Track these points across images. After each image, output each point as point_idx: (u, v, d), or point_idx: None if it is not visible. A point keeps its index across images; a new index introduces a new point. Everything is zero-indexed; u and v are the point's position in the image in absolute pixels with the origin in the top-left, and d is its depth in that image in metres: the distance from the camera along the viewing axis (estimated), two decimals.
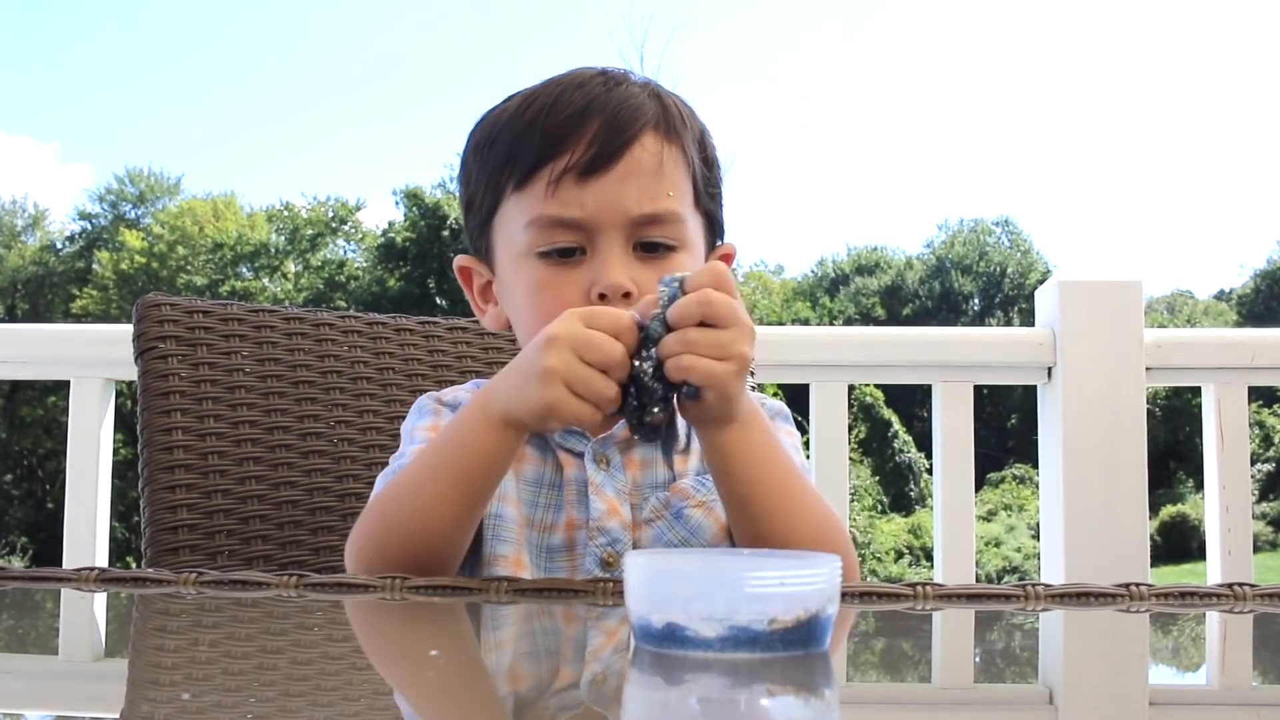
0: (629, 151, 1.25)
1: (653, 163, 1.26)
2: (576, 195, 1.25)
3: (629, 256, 1.26)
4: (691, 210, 1.31)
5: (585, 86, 1.29)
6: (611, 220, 1.25)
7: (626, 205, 1.25)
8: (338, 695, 0.75)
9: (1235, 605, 1.02)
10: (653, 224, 1.26)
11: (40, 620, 1.07)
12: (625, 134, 1.26)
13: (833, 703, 0.72)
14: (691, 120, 1.34)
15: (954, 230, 51.72)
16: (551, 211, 1.26)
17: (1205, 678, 0.90)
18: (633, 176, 1.25)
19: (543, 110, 1.28)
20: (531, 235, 1.27)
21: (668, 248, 1.27)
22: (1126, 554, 2.30)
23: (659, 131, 1.28)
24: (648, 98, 1.30)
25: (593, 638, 0.95)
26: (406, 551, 1.13)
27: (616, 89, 1.29)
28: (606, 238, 1.25)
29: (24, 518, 31.61)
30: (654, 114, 1.28)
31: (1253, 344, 2.40)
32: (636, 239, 1.26)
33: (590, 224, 1.25)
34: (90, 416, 2.36)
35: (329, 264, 41.57)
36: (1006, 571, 28.37)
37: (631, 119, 1.26)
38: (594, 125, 1.25)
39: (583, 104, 1.27)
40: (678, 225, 1.28)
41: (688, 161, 1.30)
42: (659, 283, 1.10)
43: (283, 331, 1.65)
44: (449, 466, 1.15)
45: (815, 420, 2.41)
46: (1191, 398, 25.05)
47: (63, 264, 42.37)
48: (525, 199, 1.28)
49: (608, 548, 1.28)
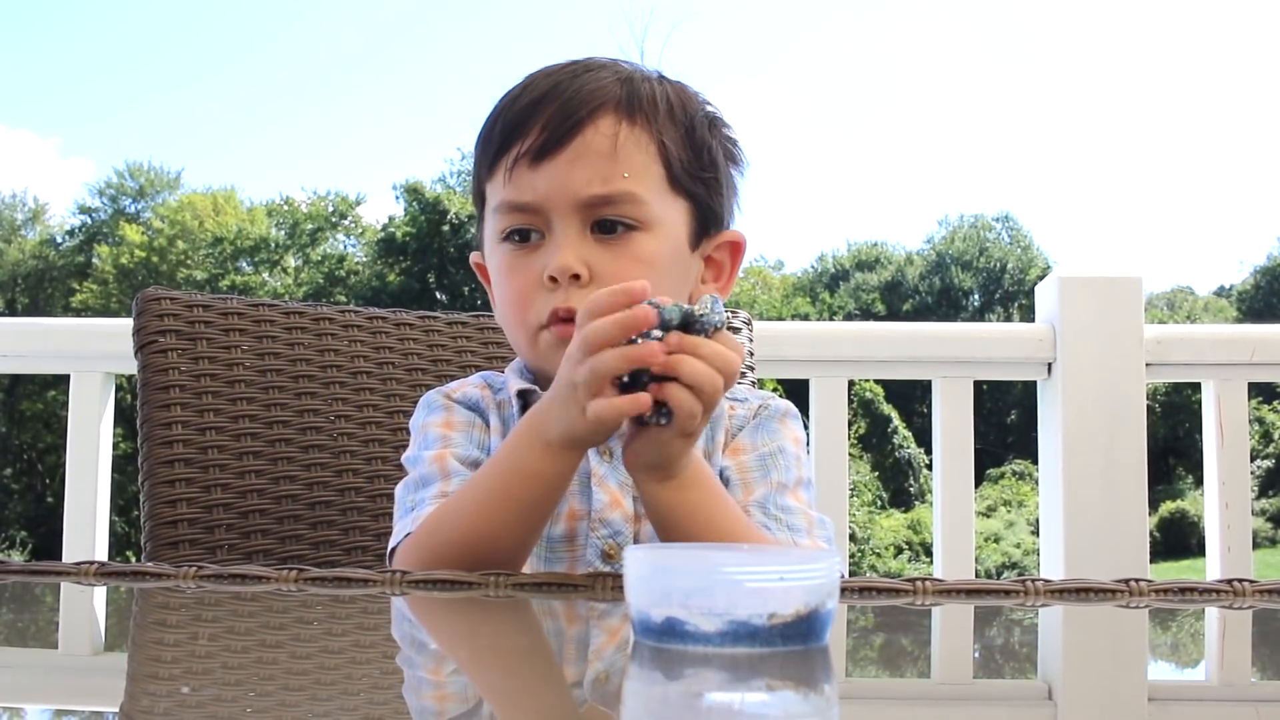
0: (579, 134, 1.26)
1: (605, 144, 1.26)
2: (529, 179, 1.26)
3: (585, 238, 1.26)
4: (662, 192, 1.29)
5: (553, 75, 1.31)
6: (562, 202, 1.26)
7: (575, 187, 1.25)
8: (337, 690, 0.75)
9: (1234, 601, 1.02)
10: (605, 205, 1.26)
11: (40, 614, 1.07)
12: (575, 116, 1.26)
13: (832, 698, 0.72)
14: (679, 104, 1.33)
15: (954, 226, 51.75)
16: (509, 196, 1.28)
17: (1204, 673, 0.90)
18: (582, 159, 1.26)
19: (510, 100, 1.31)
20: (497, 221, 1.30)
21: (627, 227, 1.27)
22: (1126, 550, 2.30)
23: (619, 113, 1.28)
24: (615, 81, 1.30)
25: (594, 634, 0.95)
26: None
27: (584, 75, 1.30)
28: (560, 220, 1.26)
29: (23, 512, 31.63)
30: (615, 96, 1.29)
31: (1253, 340, 2.40)
32: (593, 219, 1.27)
33: (543, 207, 1.26)
34: (90, 410, 2.36)
35: (329, 258, 41.56)
36: (1006, 567, 28.40)
37: (585, 102, 1.27)
38: (548, 111, 1.27)
39: (543, 91, 1.29)
40: (635, 205, 1.27)
41: (656, 142, 1.29)
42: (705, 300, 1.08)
43: (283, 326, 1.65)
44: (510, 496, 1.14)
45: (815, 416, 2.41)
46: (1191, 394, 25.03)
47: (63, 258, 42.37)
48: (493, 186, 1.31)
49: (609, 539, 1.28)
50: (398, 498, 1.32)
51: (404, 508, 1.28)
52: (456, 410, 1.34)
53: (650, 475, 1.13)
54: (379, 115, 77.21)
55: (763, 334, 1.92)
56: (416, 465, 1.30)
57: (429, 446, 1.31)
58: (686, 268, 1.34)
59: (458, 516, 1.17)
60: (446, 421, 1.33)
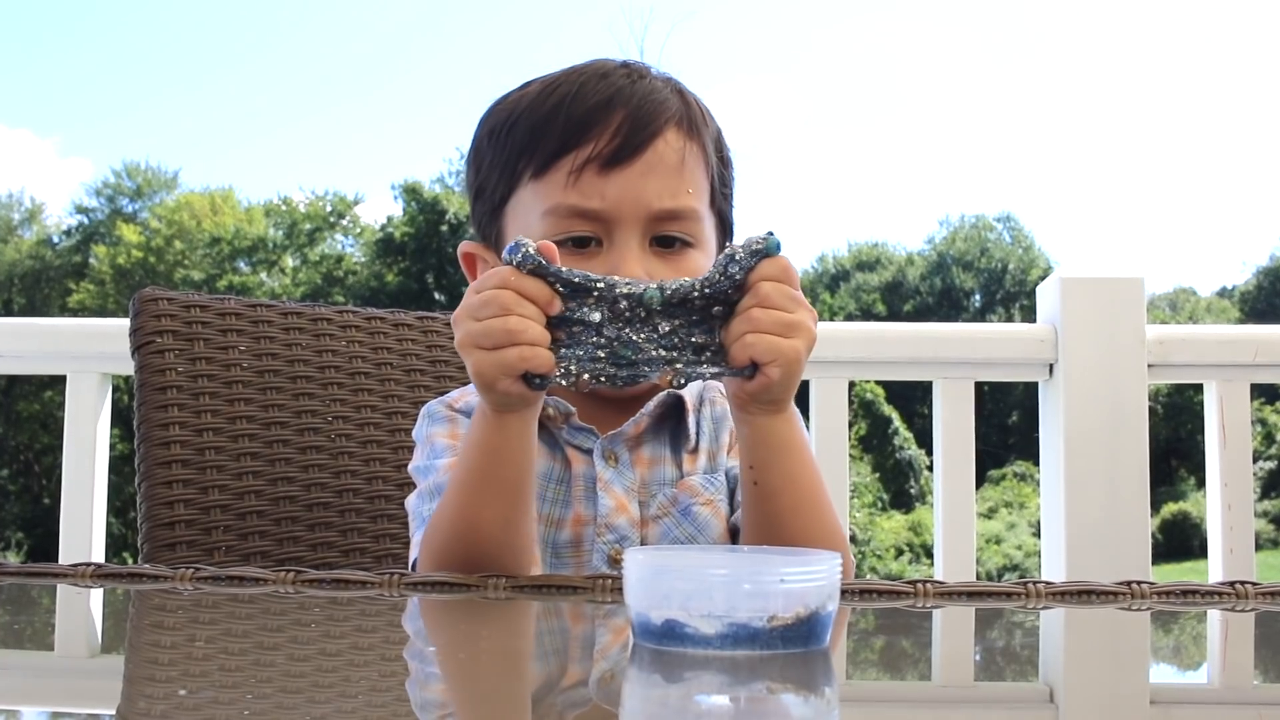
0: (652, 146, 1.25)
1: (675, 158, 1.26)
2: (598, 186, 1.24)
3: (645, 251, 1.25)
4: (708, 209, 1.31)
5: (609, 77, 1.28)
6: (631, 213, 1.24)
7: (648, 199, 1.24)
8: (334, 691, 0.75)
9: (1237, 604, 1.02)
10: (671, 220, 1.26)
11: (36, 616, 1.06)
12: (650, 127, 1.25)
13: (833, 700, 0.72)
14: (710, 120, 1.34)
15: (955, 226, 51.77)
16: (571, 201, 1.25)
17: (1206, 676, 0.90)
18: (655, 171, 1.25)
19: (566, 98, 1.27)
20: (549, 224, 1.26)
21: (684, 244, 1.27)
22: (1128, 552, 2.29)
23: (681, 128, 1.28)
24: (671, 93, 1.30)
25: (590, 636, 0.95)
26: (474, 566, 1.11)
27: (641, 82, 1.29)
28: (625, 231, 1.24)
29: (20, 513, 31.63)
30: (678, 110, 1.28)
31: (1255, 341, 2.40)
32: (654, 234, 1.26)
33: (610, 216, 1.24)
34: (87, 411, 2.35)
35: (327, 259, 41.57)
36: (1007, 569, 28.41)
37: (656, 113, 1.26)
38: (618, 116, 1.25)
39: (608, 94, 1.26)
40: (695, 223, 1.28)
41: (707, 160, 1.30)
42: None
43: (280, 326, 1.65)
44: (475, 471, 1.14)
45: (816, 417, 2.41)
46: (1193, 395, 25.06)
47: (59, 258, 42.37)
48: (544, 187, 1.27)
49: (615, 544, 1.27)
50: (412, 509, 1.31)
51: (419, 518, 1.28)
52: (460, 421, 1.34)
53: (764, 410, 1.12)
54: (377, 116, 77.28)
55: None
56: (428, 475, 1.29)
57: (439, 455, 1.30)
58: None
59: (444, 508, 1.17)
60: (452, 432, 1.33)
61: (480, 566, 1.10)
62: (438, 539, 1.17)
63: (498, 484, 1.13)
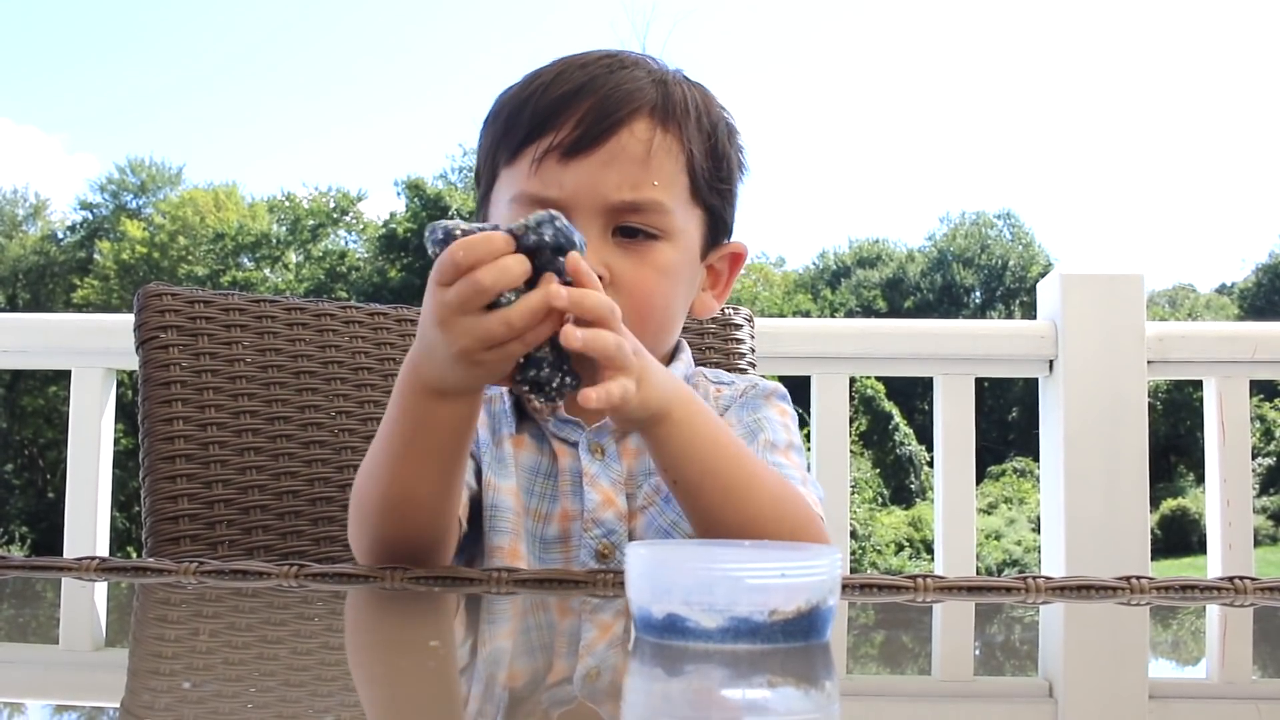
0: (615, 136, 1.23)
1: (640, 150, 1.24)
2: (557, 175, 1.23)
3: (606, 241, 1.24)
4: (685, 202, 1.28)
5: (588, 67, 1.27)
6: (589, 204, 1.23)
7: (605, 190, 1.23)
8: (338, 685, 0.75)
9: (1236, 599, 1.02)
10: (632, 211, 1.24)
11: (41, 609, 1.07)
12: (613, 117, 1.23)
13: (833, 694, 0.72)
14: (705, 112, 1.30)
15: (956, 223, 51.72)
16: (532, 189, 1.24)
17: (1205, 671, 0.90)
18: (616, 161, 1.23)
19: (540, 87, 1.26)
20: (513, 211, 1.25)
21: (649, 235, 1.25)
22: (1127, 547, 2.30)
23: (654, 118, 1.25)
24: (650, 83, 1.27)
25: (588, 630, 0.95)
26: (405, 537, 1.11)
27: (620, 71, 1.27)
28: (584, 221, 1.22)
29: (24, 507, 31.66)
30: (651, 99, 1.26)
31: (1254, 338, 2.40)
32: (616, 224, 1.25)
33: (567, 205, 1.22)
34: (91, 406, 2.36)
35: (330, 254, 41.56)
36: (1007, 564, 28.39)
37: (624, 102, 1.24)
38: (585, 106, 1.24)
39: (579, 84, 1.25)
40: (660, 215, 1.25)
41: (685, 151, 1.27)
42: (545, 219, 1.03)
43: (284, 322, 1.65)
44: (413, 445, 1.09)
45: (816, 412, 2.41)
46: (1193, 391, 25.03)
47: (64, 254, 42.38)
48: (513, 175, 1.27)
49: (603, 539, 1.27)
50: None
51: None
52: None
53: (645, 424, 1.09)
54: (381, 112, 77.22)
55: (764, 331, 1.92)
56: None
57: None
58: (695, 276, 1.34)
59: (375, 479, 1.13)
60: None
61: (411, 537, 1.10)
62: (369, 508, 1.13)
63: (444, 458, 1.10)
